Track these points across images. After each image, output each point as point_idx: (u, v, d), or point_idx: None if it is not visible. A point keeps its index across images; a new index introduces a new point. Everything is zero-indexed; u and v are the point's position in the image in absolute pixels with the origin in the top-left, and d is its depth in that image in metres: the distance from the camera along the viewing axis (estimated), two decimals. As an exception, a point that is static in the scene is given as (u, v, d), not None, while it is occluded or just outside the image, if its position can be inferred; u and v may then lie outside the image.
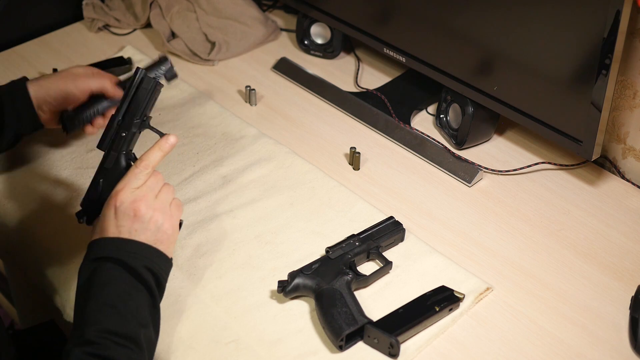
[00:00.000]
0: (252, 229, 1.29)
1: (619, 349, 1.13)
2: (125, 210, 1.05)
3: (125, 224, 1.05)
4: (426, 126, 1.53)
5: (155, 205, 1.07)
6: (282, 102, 1.59)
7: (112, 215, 1.06)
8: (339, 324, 1.10)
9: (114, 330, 0.97)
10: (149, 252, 1.05)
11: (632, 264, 1.26)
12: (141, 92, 1.13)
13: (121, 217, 1.05)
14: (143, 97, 1.13)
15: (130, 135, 1.13)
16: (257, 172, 1.40)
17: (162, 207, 1.08)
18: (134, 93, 1.13)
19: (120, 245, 1.04)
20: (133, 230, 1.05)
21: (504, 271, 1.24)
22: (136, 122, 1.13)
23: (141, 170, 1.08)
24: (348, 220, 1.31)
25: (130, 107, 1.13)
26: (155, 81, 1.14)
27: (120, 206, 1.05)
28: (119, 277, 1.01)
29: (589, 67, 1.24)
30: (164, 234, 1.07)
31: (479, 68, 1.41)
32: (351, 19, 1.60)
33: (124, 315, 0.99)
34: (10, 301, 1.76)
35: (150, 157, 1.09)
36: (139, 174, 1.08)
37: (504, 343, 1.13)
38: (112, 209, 1.06)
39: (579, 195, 1.38)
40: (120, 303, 1.00)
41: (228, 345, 1.12)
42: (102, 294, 1.00)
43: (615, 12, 1.16)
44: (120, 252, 1.03)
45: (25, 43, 1.75)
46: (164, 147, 1.10)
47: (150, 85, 1.13)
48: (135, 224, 1.05)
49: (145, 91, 1.13)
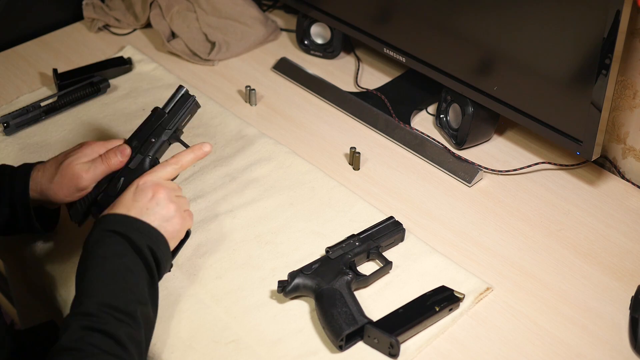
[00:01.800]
0: (252, 229, 1.29)
1: (619, 349, 1.13)
2: (145, 188, 1.09)
3: (141, 201, 1.08)
4: (426, 126, 1.53)
5: (173, 199, 1.11)
6: (282, 102, 1.59)
7: (132, 192, 1.09)
8: (339, 324, 1.10)
9: (113, 304, 0.98)
10: (155, 234, 1.07)
11: (632, 264, 1.26)
12: (177, 105, 1.19)
13: (139, 194, 1.09)
14: (179, 109, 1.19)
15: (159, 142, 1.18)
16: (257, 172, 1.40)
17: (178, 205, 1.11)
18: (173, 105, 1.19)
19: (128, 222, 1.06)
20: (145, 209, 1.08)
21: (504, 271, 1.24)
22: (167, 132, 1.18)
23: (171, 164, 1.14)
24: (348, 220, 1.31)
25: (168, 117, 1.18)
26: (194, 99, 1.20)
27: (143, 185, 1.10)
28: (121, 251, 1.03)
29: (589, 67, 1.24)
30: (172, 227, 1.10)
31: (479, 68, 1.41)
32: (351, 19, 1.60)
33: (123, 291, 1.00)
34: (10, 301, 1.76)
35: (182, 156, 1.15)
36: (168, 166, 1.13)
37: (504, 343, 1.13)
38: (134, 187, 1.10)
39: (579, 195, 1.38)
40: (120, 278, 1.01)
41: (228, 345, 1.12)
42: (103, 266, 1.02)
43: (615, 12, 1.16)
44: (127, 227, 1.05)
45: (25, 43, 1.75)
46: (197, 152, 1.16)
47: (189, 101, 1.19)
48: (149, 204, 1.08)
49: (182, 105, 1.19)
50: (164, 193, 1.10)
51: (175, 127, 1.19)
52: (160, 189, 1.10)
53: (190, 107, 1.20)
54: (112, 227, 1.05)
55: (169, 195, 1.10)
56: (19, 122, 1.49)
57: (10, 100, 1.58)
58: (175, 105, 1.19)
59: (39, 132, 1.50)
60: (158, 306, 1.07)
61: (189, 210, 1.14)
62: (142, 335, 1.00)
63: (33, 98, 1.57)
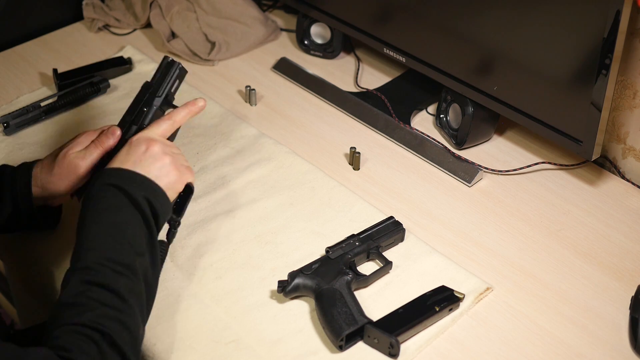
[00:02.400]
0: (252, 229, 1.29)
1: (619, 349, 1.13)
2: (139, 143, 1.10)
3: (134, 154, 1.09)
4: (426, 126, 1.53)
5: (168, 152, 1.11)
6: (282, 102, 1.59)
7: (126, 149, 1.10)
8: (339, 324, 1.10)
9: (111, 257, 0.99)
10: (151, 185, 1.08)
11: (632, 264, 1.26)
12: (164, 73, 1.20)
13: (133, 148, 1.09)
14: (166, 76, 1.20)
15: (152, 111, 1.18)
16: (257, 172, 1.40)
17: (174, 158, 1.12)
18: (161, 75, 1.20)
19: (123, 174, 1.07)
20: (138, 161, 1.08)
21: (504, 271, 1.24)
22: (157, 99, 1.18)
23: (165, 120, 1.14)
24: (348, 220, 1.31)
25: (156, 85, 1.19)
26: (179, 65, 1.21)
27: (137, 140, 1.10)
28: (118, 204, 1.04)
29: (589, 67, 1.24)
30: (168, 178, 1.10)
31: (479, 68, 1.41)
32: (351, 19, 1.60)
33: (121, 243, 1.01)
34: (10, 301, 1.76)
35: (175, 112, 1.16)
36: (162, 123, 1.14)
37: (504, 343, 1.13)
38: (128, 144, 1.11)
39: (579, 195, 1.38)
40: (118, 230, 1.02)
41: (228, 345, 1.12)
42: (100, 219, 1.02)
43: (615, 12, 1.16)
44: (122, 180, 1.06)
45: (25, 43, 1.75)
46: (191, 107, 1.17)
47: (174, 67, 1.20)
48: (143, 157, 1.09)
49: (168, 72, 1.20)
50: (158, 146, 1.10)
51: (165, 94, 1.19)
52: (154, 143, 1.10)
53: (177, 73, 1.21)
54: (107, 180, 1.06)
55: (163, 149, 1.11)
56: (19, 122, 1.49)
57: (10, 100, 1.58)
58: (161, 74, 1.20)
59: (39, 132, 1.50)
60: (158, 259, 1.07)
61: (189, 166, 1.15)
62: (142, 287, 1.01)
63: (33, 98, 1.57)
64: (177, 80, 1.21)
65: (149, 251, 1.04)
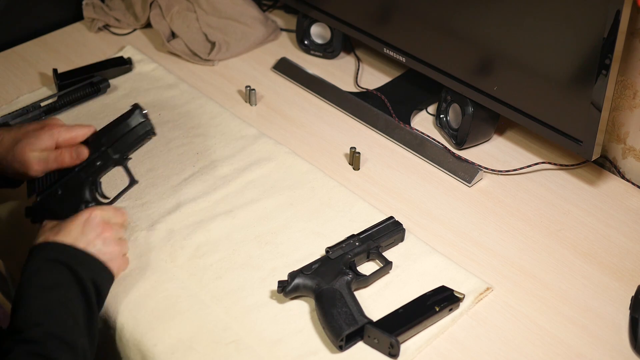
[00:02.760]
0: (252, 229, 1.29)
1: (619, 349, 1.13)
2: (95, 226, 1.12)
3: (88, 235, 1.11)
4: (426, 126, 1.53)
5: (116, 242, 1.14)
6: (282, 102, 1.59)
7: (81, 222, 1.11)
8: (339, 324, 1.10)
9: (58, 334, 1.00)
10: (99, 267, 1.10)
11: (632, 264, 1.26)
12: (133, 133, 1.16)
13: (88, 227, 1.11)
14: (133, 138, 1.16)
15: (105, 166, 1.17)
16: (257, 172, 1.40)
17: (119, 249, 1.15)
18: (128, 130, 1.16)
19: (75, 254, 1.08)
20: (92, 244, 1.10)
21: (504, 271, 1.24)
22: (115, 158, 1.17)
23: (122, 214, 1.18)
24: (348, 220, 1.31)
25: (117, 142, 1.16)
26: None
27: (94, 220, 1.12)
28: (64, 282, 1.05)
29: (589, 67, 1.24)
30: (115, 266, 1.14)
31: (479, 68, 1.41)
32: (351, 19, 1.60)
33: (66, 322, 1.02)
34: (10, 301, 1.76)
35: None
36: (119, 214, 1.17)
37: (504, 343, 1.13)
38: (85, 216, 1.12)
39: (579, 195, 1.38)
40: (63, 308, 1.03)
41: (228, 345, 1.12)
42: (46, 295, 1.03)
43: (615, 12, 1.16)
44: (73, 259, 1.07)
45: (25, 43, 1.75)
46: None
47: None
48: (96, 240, 1.11)
49: (137, 134, 1.16)
50: (110, 234, 1.13)
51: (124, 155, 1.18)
52: (108, 230, 1.13)
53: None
54: (55, 256, 1.07)
55: (113, 238, 1.14)
56: (19, 122, 1.49)
57: (10, 100, 1.58)
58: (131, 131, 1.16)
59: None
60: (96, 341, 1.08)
61: (126, 256, 1.19)
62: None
63: (33, 98, 1.57)
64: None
65: (89, 331, 1.05)
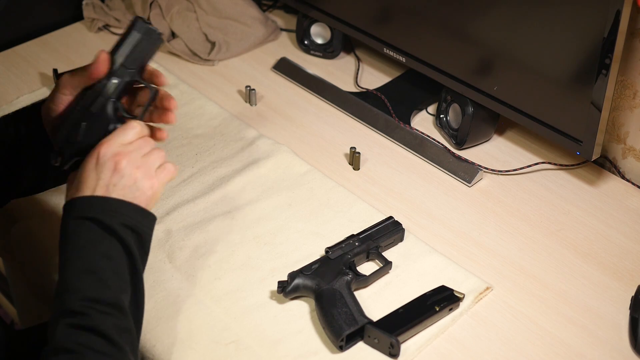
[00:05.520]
0: (251, 230, 1.29)
1: (619, 349, 1.13)
2: (106, 162, 1.02)
3: (104, 177, 1.01)
4: (426, 126, 1.53)
5: (138, 163, 1.03)
6: (282, 102, 1.59)
7: (93, 167, 1.02)
8: (339, 324, 1.10)
9: (95, 297, 0.95)
10: (126, 208, 1.01)
11: (632, 264, 1.25)
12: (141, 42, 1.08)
13: (101, 170, 1.02)
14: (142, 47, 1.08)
15: (122, 83, 1.07)
16: (256, 173, 1.40)
17: (145, 167, 1.04)
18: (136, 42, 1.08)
19: (97, 204, 1.00)
20: (111, 185, 1.01)
21: (504, 271, 1.24)
22: (130, 72, 1.08)
23: (132, 127, 1.04)
24: (347, 220, 1.31)
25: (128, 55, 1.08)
26: (158, 33, 1.09)
27: (103, 157, 1.02)
28: (96, 238, 0.98)
29: (589, 67, 1.24)
30: (142, 193, 1.03)
31: (479, 68, 1.41)
32: (351, 19, 1.60)
33: (103, 281, 0.96)
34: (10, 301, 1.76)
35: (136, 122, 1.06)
36: (128, 130, 1.04)
37: (504, 343, 1.13)
38: (94, 160, 1.02)
39: (579, 195, 1.38)
40: (99, 267, 0.97)
41: (228, 346, 1.12)
42: (80, 258, 0.97)
43: (615, 12, 1.16)
44: (96, 210, 0.99)
45: (25, 43, 1.75)
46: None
47: (153, 36, 1.08)
48: (113, 178, 1.01)
49: (146, 42, 1.08)
50: (126, 161, 1.02)
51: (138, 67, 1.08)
52: (121, 158, 1.01)
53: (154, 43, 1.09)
54: (80, 213, 1.00)
55: (132, 162, 1.03)
56: (19, 122, 1.49)
57: (10, 100, 1.58)
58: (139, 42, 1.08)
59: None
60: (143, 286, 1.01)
61: (168, 165, 1.06)
62: (130, 324, 0.97)
63: (33, 98, 1.57)
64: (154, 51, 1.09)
65: (133, 283, 1.00)
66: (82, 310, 0.94)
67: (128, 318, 0.97)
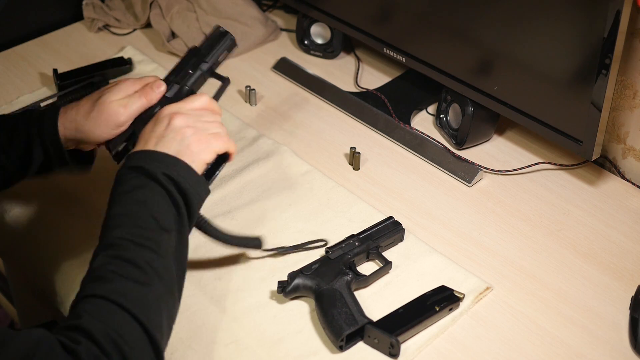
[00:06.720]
0: (251, 230, 1.29)
1: (619, 349, 1.13)
2: (163, 118, 1.09)
3: (157, 131, 1.08)
4: (426, 126, 1.53)
5: (192, 123, 1.09)
6: (282, 102, 1.59)
7: (151, 125, 1.10)
8: (339, 324, 1.10)
9: (133, 232, 0.99)
10: (170, 160, 1.05)
11: (632, 264, 1.26)
12: (213, 41, 1.19)
13: (157, 124, 1.09)
14: (217, 46, 1.19)
15: (197, 75, 1.17)
16: (256, 173, 1.40)
17: (198, 128, 1.09)
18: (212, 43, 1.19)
19: (144, 155, 1.06)
20: (161, 137, 1.07)
21: (504, 271, 1.24)
22: (204, 65, 1.18)
23: (200, 96, 1.13)
24: (347, 220, 1.31)
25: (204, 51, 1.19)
26: (231, 36, 1.20)
27: (161, 114, 1.10)
28: (140, 184, 1.03)
29: (589, 67, 1.24)
30: (188, 150, 1.07)
31: (479, 68, 1.41)
32: (351, 19, 1.60)
33: (143, 219, 1.00)
34: (10, 301, 1.76)
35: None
36: (195, 98, 1.13)
37: (504, 343, 1.13)
38: (154, 120, 1.10)
39: (579, 195, 1.38)
40: (140, 207, 1.02)
41: (228, 346, 1.12)
42: (123, 200, 1.03)
43: (615, 12, 1.16)
44: (142, 160, 1.05)
45: (25, 43, 1.75)
46: None
47: (225, 38, 1.20)
48: (165, 132, 1.07)
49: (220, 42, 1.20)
50: (180, 119, 1.08)
51: (212, 62, 1.19)
52: (177, 116, 1.08)
53: (227, 44, 1.20)
54: (129, 163, 1.06)
55: (186, 121, 1.08)
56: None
57: (10, 100, 1.58)
58: (211, 41, 1.20)
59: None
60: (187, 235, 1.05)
61: (219, 133, 1.11)
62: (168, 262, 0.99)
63: (33, 98, 1.57)
64: (225, 51, 1.20)
65: (177, 228, 1.03)
66: (119, 242, 0.99)
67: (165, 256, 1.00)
